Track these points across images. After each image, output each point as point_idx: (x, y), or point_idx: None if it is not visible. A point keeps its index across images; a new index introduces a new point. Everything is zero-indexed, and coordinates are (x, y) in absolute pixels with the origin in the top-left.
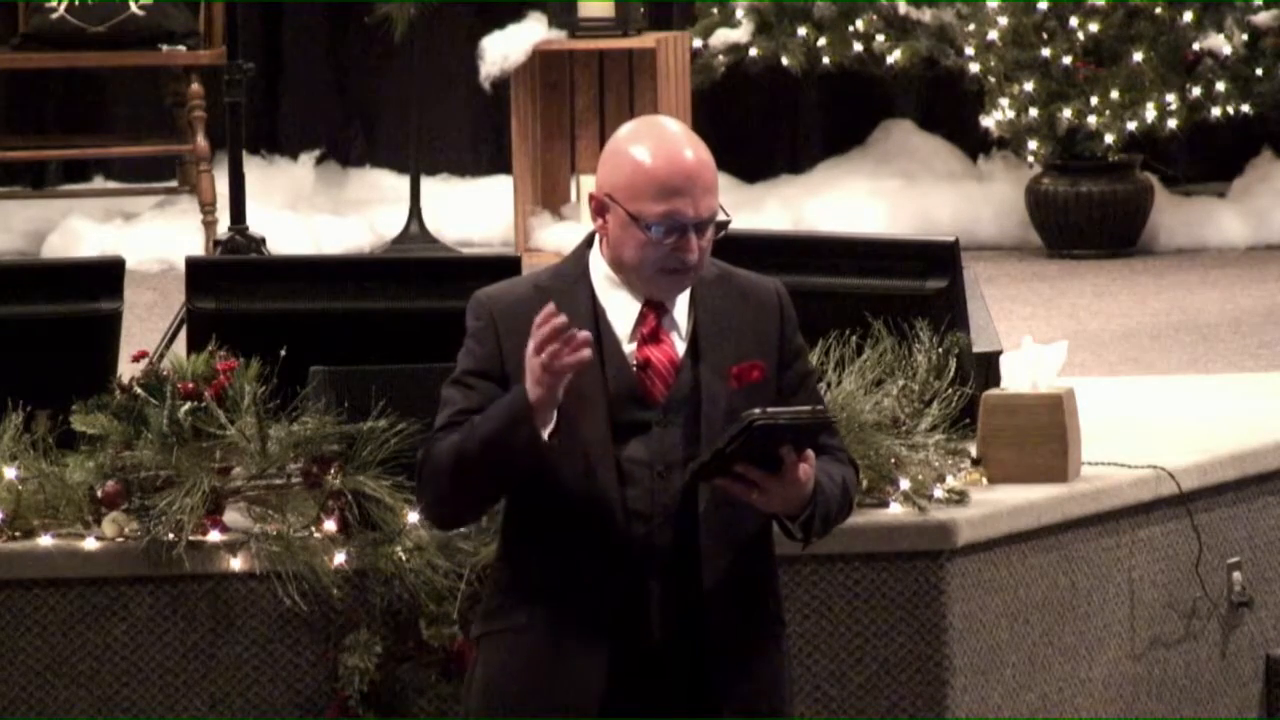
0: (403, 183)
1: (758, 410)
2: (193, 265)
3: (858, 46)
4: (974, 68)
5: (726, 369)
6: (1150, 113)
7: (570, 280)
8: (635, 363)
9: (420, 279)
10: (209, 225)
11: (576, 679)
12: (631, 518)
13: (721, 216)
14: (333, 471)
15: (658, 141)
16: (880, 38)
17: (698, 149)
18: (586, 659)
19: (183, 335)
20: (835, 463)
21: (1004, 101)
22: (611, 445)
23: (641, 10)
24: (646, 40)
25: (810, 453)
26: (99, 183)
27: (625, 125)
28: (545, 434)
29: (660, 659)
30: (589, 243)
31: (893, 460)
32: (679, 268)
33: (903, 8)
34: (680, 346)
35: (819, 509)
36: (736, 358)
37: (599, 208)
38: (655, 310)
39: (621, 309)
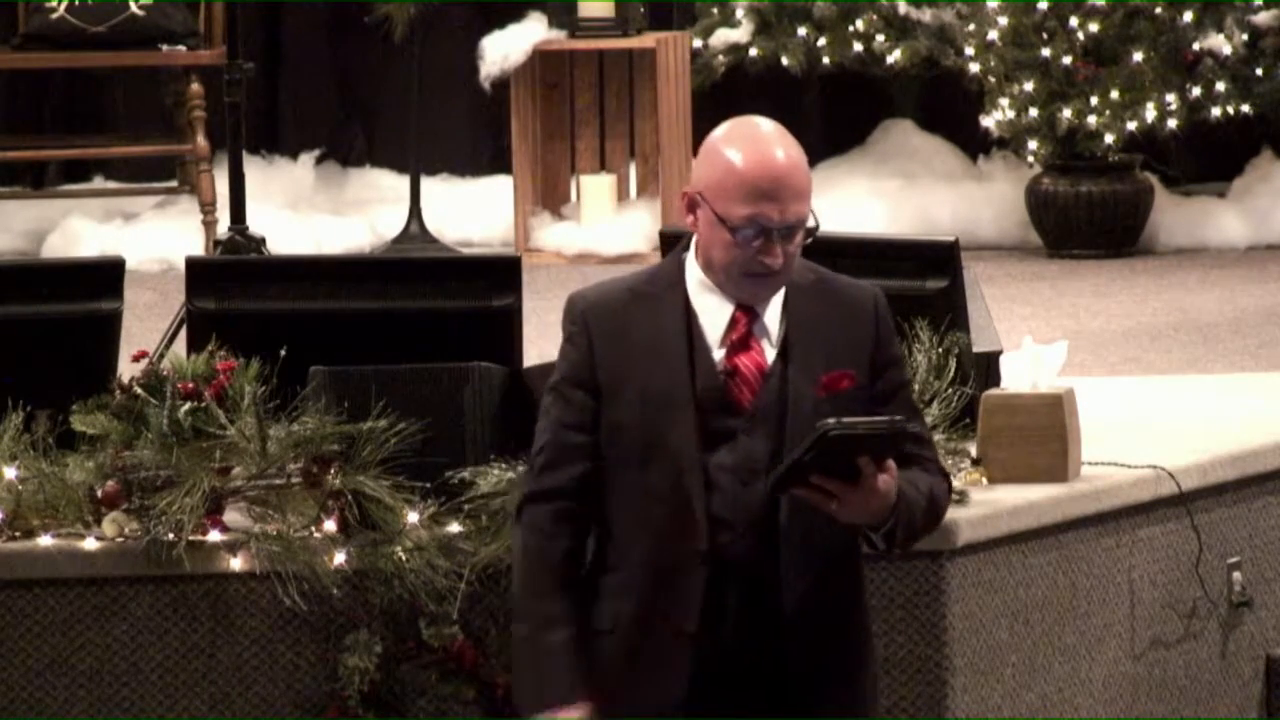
0: (403, 183)
1: (832, 420)
2: (193, 265)
3: (858, 46)
4: (974, 68)
5: (816, 377)
6: (1150, 113)
7: (665, 284)
8: (724, 369)
9: (420, 279)
10: (209, 225)
11: (657, 687)
12: (716, 525)
13: (811, 222)
14: (333, 471)
15: (751, 143)
16: (880, 38)
17: (790, 151)
18: (667, 668)
19: (183, 335)
20: (923, 473)
21: (1004, 101)
22: (698, 452)
23: (641, 10)
24: (646, 40)
25: (891, 463)
26: (99, 183)
27: (723, 124)
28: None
29: (739, 669)
30: (686, 246)
31: None
32: (763, 272)
33: (903, 8)
34: (770, 353)
35: (901, 519)
36: (826, 366)
37: (690, 204)
38: (747, 315)
39: (714, 313)
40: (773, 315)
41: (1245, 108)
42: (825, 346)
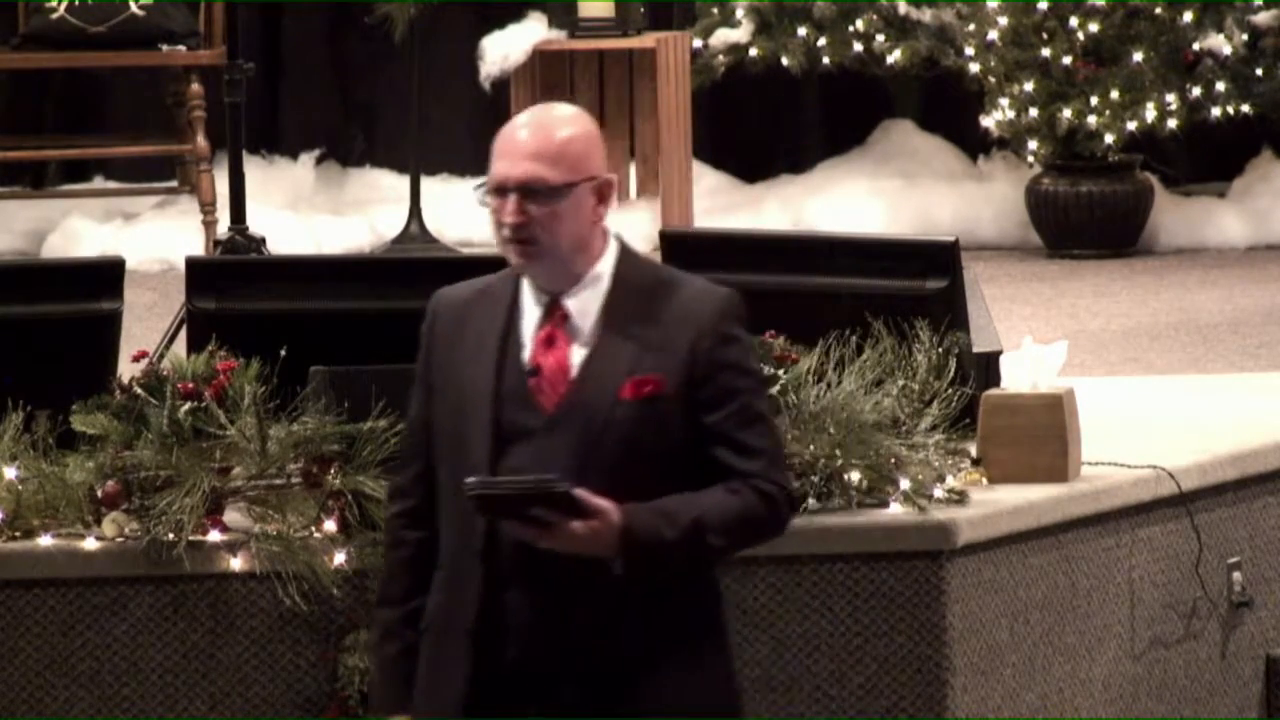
0: (403, 183)
1: (473, 479)
2: (193, 265)
3: (858, 46)
4: (974, 68)
5: (622, 380)
6: (1150, 113)
7: (507, 280)
8: (528, 368)
9: (420, 279)
10: (209, 225)
11: (443, 687)
12: (501, 528)
13: (552, 183)
14: (333, 471)
15: (514, 117)
16: (880, 38)
17: (543, 119)
18: (451, 667)
19: (183, 335)
20: (727, 493)
21: (1004, 101)
22: (488, 452)
23: (641, 10)
24: (646, 40)
25: (606, 509)
26: (99, 183)
27: None
28: None
29: (520, 670)
30: None
31: (893, 460)
32: (507, 236)
33: (903, 8)
34: (578, 354)
35: (639, 553)
36: (636, 369)
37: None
38: (558, 313)
39: (533, 311)
40: (589, 314)
41: (1245, 108)
42: (639, 349)
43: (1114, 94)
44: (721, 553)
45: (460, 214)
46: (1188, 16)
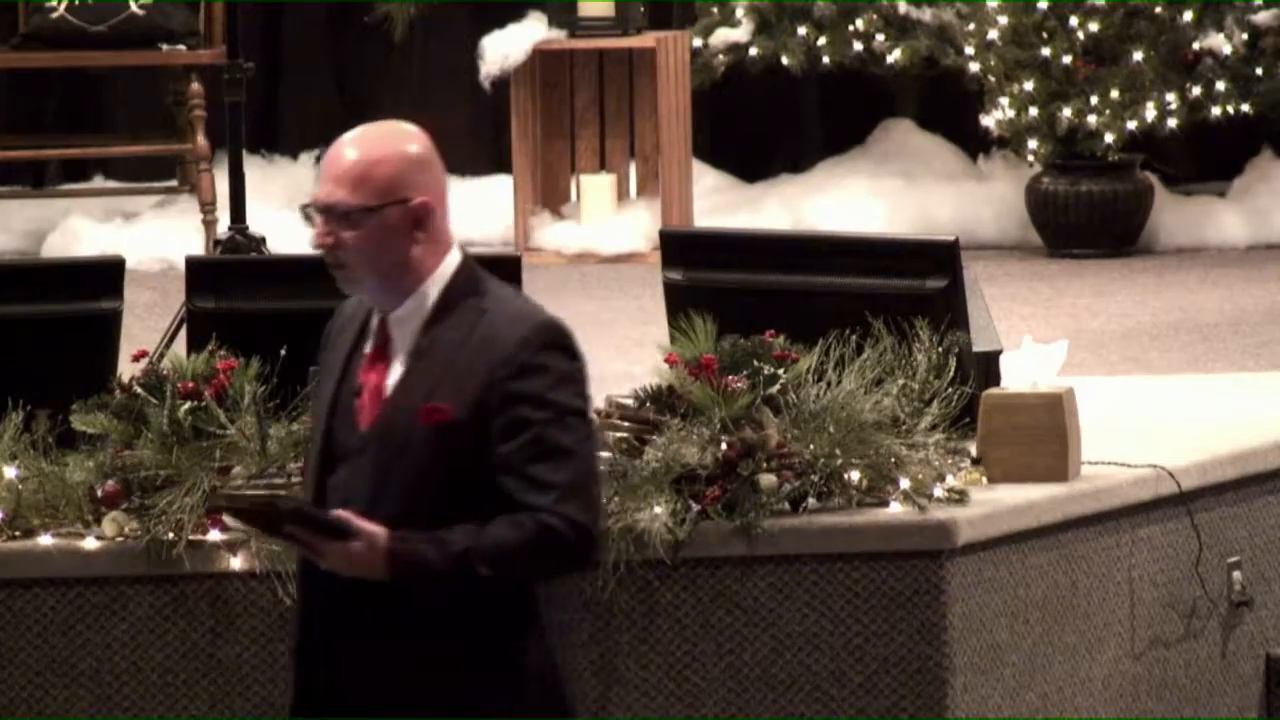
0: None
1: (222, 490)
2: (193, 265)
3: (858, 46)
4: (974, 67)
5: (418, 406)
6: (1150, 112)
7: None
8: (355, 387)
9: None
10: (209, 225)
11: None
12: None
13: (350, 203)
14: None
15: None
16: (880, 37)
17: (358, 140)
18: (288, 685)
19: (182, 334)
20: (507, 524)
21: (1004, 101)
22: (318, 467)
23: (641, 10)
24: (646, 40)
25: (372, 533)
26: (99, 182)
27: None
28: None
29: (331, 690)
30: None
31: (893, 460)
32: (324, 259)
33: (903, 7)
34: (394, 374)
35: (408, 579)
36: (432, 395)
37: None
38: (381, 334)
39: (373, 329)
40: (406, 338)
41: (1245, 107)
42: (440, 374)
43: (1114, 93)
44: (499, 583)
45: (460, 212)
46: (1188, 16)
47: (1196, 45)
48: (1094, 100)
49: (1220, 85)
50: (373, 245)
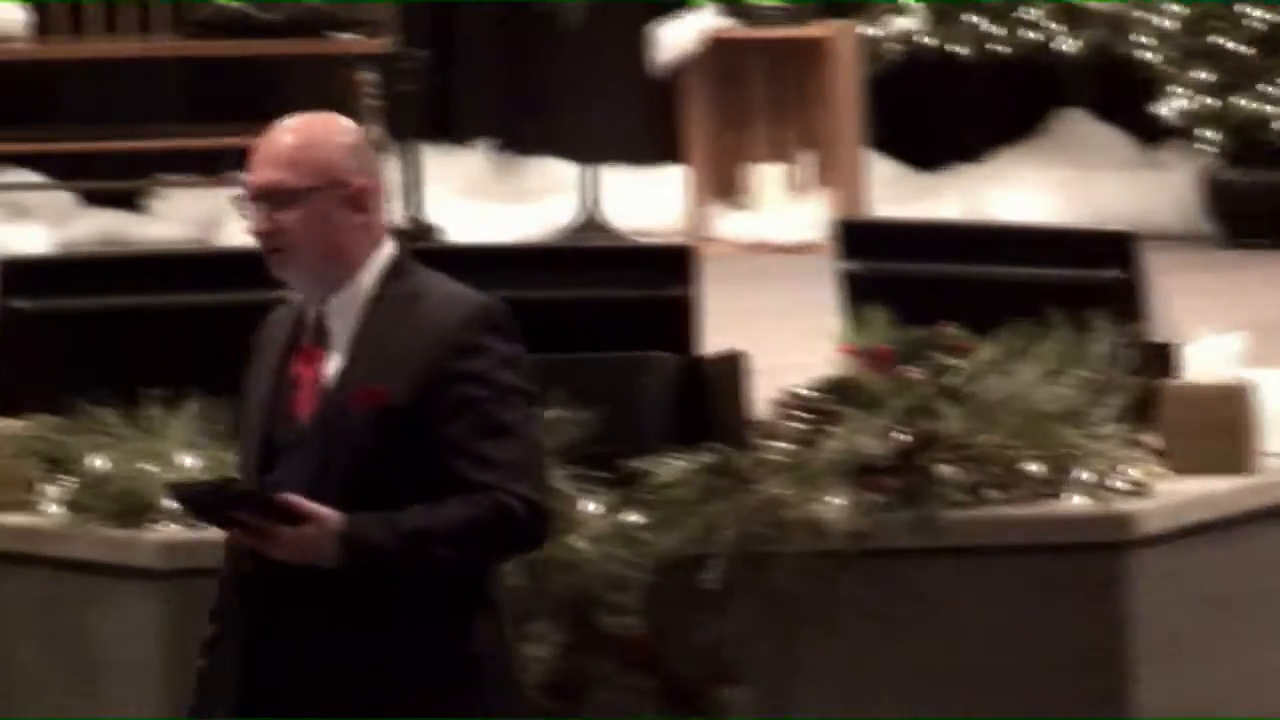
0: (576, 171)
1: (175, 481)
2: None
3: (1030, 34)
4: (1148, 56)
5: (354, 394)
6: None
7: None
8: (288, 380)
9: (594, 267)
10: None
11: (220, 703)
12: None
13: (286, 184)
14: None
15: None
16: (1053, 25)
17: (292, 129)
18: (226, 682)
19: None
20: (460, 503)
21: (1179, 90)
22: (257, 463)
23: None
24: (819, 29)
25: (322, 515)
26: None
27: None
28: None
29: (277, 694)
30: None
31: (1072, 451)
32: (261, 245)
33: None
34: (331, 365)
35: (361, 560)
36: (369, 382)
37: None
38: (318, 323)
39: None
40: (344, 328)
41: None
42: (378, 361)
43: None
44: (453, 563)
45: (633, 202)
46: None
47: None
48: (1270, 89)
49: None
50: (313, 226)
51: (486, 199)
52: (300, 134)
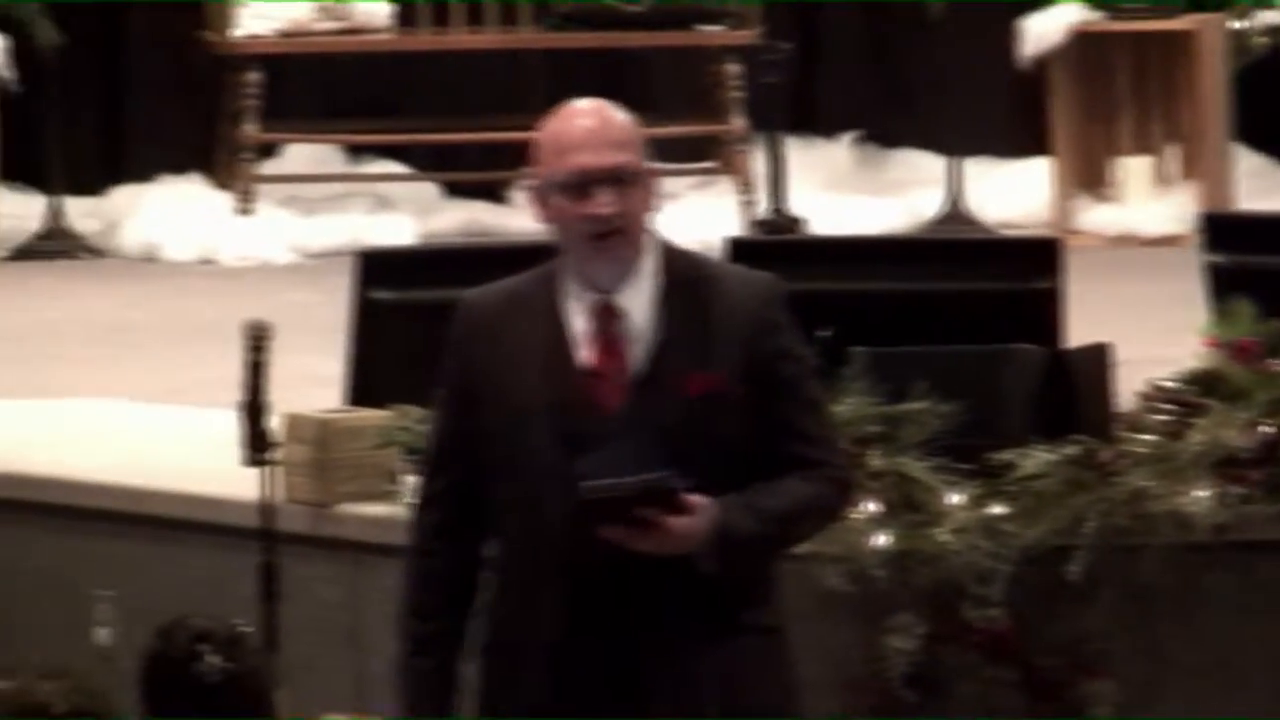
0: (941, 163)
1: (587, 484)
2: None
3: None
4: None
5: (686, 378)
6: None
7: (538, 285)
8: (585, 371)
9: (959, 260)
10: (746, 205)
11: (520, 703)
12: (578, 534)
13: (637, 165)
14: (874, 452)
15: (559, 114)
16: None
17: (600, 112)
18: (529, 683)
19: None
20: (799, 482)
21: None
22: (557, 459)
23: None
24: (1185, 22)
25: (704, 504)
26: None
27: None
28: None
29: (605, 680)
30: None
31: None
32: (600, 229)
33: None
34: (639, 354)
35: (723, 545)
36: (698, 365)
37: (533, 199)
38: (610, 314)
39: (580, 314)
40: (643, 314)
41: None
42: (698, 345)
43: None
44: (800, 542)
45: (999, 195)
46: None
47: None
48: None
49: None
50: (649, 205)
51: (851, 191)
52: (619, 115)
